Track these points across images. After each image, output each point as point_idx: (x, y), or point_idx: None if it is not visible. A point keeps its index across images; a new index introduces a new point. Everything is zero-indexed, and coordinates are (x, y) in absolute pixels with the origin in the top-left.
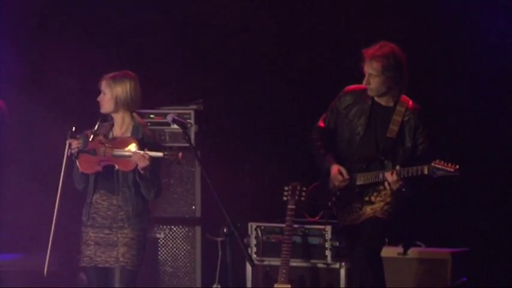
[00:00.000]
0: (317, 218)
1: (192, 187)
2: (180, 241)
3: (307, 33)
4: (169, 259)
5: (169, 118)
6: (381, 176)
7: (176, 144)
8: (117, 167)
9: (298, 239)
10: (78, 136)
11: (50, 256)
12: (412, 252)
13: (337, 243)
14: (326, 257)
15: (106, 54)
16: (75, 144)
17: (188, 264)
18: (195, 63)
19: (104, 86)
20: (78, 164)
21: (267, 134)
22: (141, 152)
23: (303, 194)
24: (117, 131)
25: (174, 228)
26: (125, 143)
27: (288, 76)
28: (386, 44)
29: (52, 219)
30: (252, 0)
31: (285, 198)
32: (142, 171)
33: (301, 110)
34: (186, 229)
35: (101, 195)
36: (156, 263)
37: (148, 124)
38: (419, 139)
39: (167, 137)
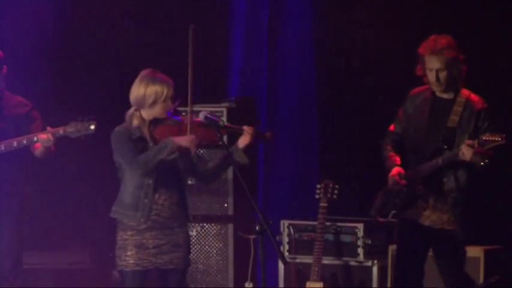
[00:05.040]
0: (387, 218)
1: (224, 185)
2: (213, 239)
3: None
4: (201, 257)
5: (201, 116)
6: (440, 162)
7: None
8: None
9: (330, 237)
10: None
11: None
12: None
13: (370, 241)
14: (358, 254)
15: (140, 51)
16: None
17: (220, 262)
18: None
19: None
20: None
21: (299, 131)
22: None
23: (336, 191)
24: None
25: (207, 226)
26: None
27: (318, 74)
28: (439, 36)
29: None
30: None
31: (317, 196)
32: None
33: (332, 105)
34: (219, 227)
35: (160, 195)
36: None
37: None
38: (484, 124)
39: None
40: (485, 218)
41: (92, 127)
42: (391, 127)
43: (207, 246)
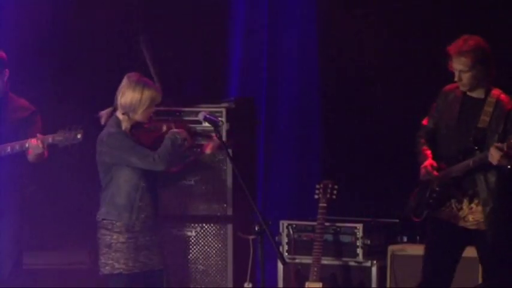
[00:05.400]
0: (422, 218)
1: (223, 185)
2: (212, 239)
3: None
4: (200, 257)
5: (200, 116)
6: (470, 163)
7: (207, 142)
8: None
9: (329, 237)
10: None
11: None
12: None
13: (369, 242)
14: (357, 255)
15: (138, 51)
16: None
17: (220, 263)
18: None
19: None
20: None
21: (299, 132)
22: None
23: (335, 192)
24: None
25: (206, 226)
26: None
27: (319, 74)
28: (470, 37)
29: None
30: None
31: (316, 197)
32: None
33: (333, 105)
34: (218, 227)
35: (147, 197)
36: (188, 261)
37: (181, 121)
38: None
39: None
40: None
41: (79, 136)
42: (424, 121)
43: (206, 247)
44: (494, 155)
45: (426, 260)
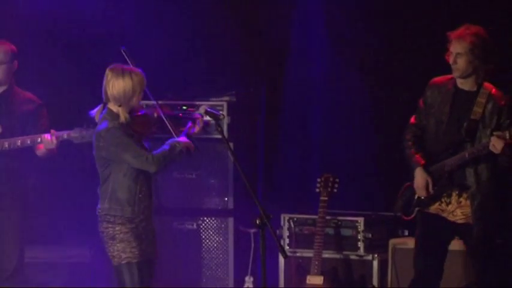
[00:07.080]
0: (412, 216)
1: (224, 179)
2: (213, 233)
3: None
4: (202, 251)
5: (202, 109)
6: (466, 155)
7: (209, 136)
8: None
9: (330, 231)
10: None
11: None
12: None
13: (370, 235)
14: (359, 248)
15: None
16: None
17: (221, 256)
18: (228, 54)
19: None
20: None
21: (300, 125)
22: None
23: (336, 185)
24: None
25: (207, 220)
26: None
27: (318, 69)
28: (472, 25)
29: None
30: None
31: (317, 190)
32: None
33: (334, 99)
34: (219, 221)
35: (145, 187)
36: (189, 254)
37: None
38: (505, 121)
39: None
40: None
41: None
42: (412, 119)
43: (207, 240)
44: (496, 145)
45: (417, 253)
